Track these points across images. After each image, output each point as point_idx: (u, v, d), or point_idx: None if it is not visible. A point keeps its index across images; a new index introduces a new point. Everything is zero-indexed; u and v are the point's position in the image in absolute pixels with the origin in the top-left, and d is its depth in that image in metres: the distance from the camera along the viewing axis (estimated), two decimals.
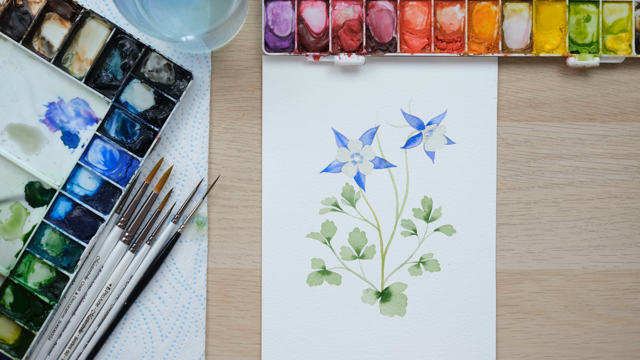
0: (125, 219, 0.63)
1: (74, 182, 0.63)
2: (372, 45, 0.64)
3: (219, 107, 0.65)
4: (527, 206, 0.65)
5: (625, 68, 0.65)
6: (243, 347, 0.65)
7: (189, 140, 0.64)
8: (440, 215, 0.65)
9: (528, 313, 0.65)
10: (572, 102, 0.65)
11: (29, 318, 0.63)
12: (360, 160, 0.65)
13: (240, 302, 0.65)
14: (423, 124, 0.65)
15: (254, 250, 0.65)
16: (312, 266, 0.64)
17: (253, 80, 0.65)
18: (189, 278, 0.64)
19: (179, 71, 0.63)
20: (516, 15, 0.64)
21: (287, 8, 0.64)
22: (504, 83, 0.65)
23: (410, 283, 0.65)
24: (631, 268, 0.65)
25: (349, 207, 0.65)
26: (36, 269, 0.63)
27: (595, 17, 0.64)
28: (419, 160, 0.65)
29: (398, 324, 0.65)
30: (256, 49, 0.65)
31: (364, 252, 0.65)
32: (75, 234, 0.63)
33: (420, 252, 0.65)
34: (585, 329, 0.65)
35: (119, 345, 0.64)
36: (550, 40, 0.64)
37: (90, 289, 0.63)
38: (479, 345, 0.65)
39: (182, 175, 0.64)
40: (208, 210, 0.64)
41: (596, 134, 0.65)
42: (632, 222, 0.65)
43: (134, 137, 0.63)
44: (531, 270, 0.65)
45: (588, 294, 0.65)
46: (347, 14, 0.64)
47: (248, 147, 0.65)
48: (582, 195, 0.65)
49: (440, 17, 0.64)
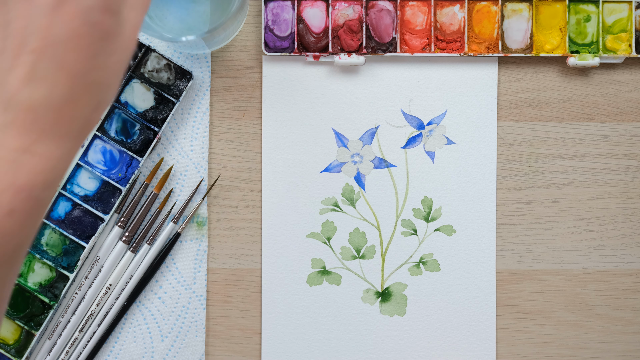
0: (125, 219, 0.63)
1: (74, 182, 0.63)
2: (372, 45, 0.64)
3: (219, 107, 0.65)
4: (527, 206, 0.65)
5: (625, 68, 0.65)
6: (243, 347, 0.65)
7: (189, 140, 0.64)
8: (440, 215, 0.65)
9: (528, 313, 0.65)
10: (572, 102, 0.65)
11: (29, 318, 0.63)
12: (360, 160, 0.65)
13: (240, 302, 0.65)
14: (423, 124, 0.65)
15: (254, 250, 0.65)
16: (312, 266, 0.64)
17: (253, 80, 0.65)
18: (189, 278, 0.64)
19: (179, 71, 0.63)
20: (516, 15, 0.64)
21: (287, 8, 0.64)
22: (504, 83, 0.65)
23: (410, 283, 0.65)
24: (631, 268, 0.65)
25: (349, 207, 0.65)
26: (36, 269, 0.63)
27: (595, 17, 0.64)
28: (419, 160, 0.65)
29: (398, 324, 0.65)
30: (256, 49, 0.65)
31: (364, 252, 0.65)
32: (75, 234, 0.63)
33: (420, 252, 0.65)
34: (585, 329, 0.65)
35: (119, 345, 0.64)
36: (550, 40, 0.64)
37: (90, 289, 0.63)
38: (479, 345, 0.65)
39: (182, 175, 0.64)
40: (208, 210, 0.64)
41: (596, 134, 0.65)
42: (632, 222, 0.65)
43: (134, 137, 0.63)
44: (531, 270, 0.65)
45: (588, 294, 0.65)
46: (347, 14, 0.64)
47: (248, 147, 0.65)
48: (582, 195, 0.65)
49: (440, 17, 0.64)
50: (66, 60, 0.39)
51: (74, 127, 0.40)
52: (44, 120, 0.39)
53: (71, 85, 0.40)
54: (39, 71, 0.39)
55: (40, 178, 0.40)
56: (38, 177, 0.40)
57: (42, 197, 0.40)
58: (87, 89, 0.40)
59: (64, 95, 0.40)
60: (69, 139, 0.40)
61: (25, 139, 0.39)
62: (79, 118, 0.40)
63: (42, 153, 0.40)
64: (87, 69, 0.40)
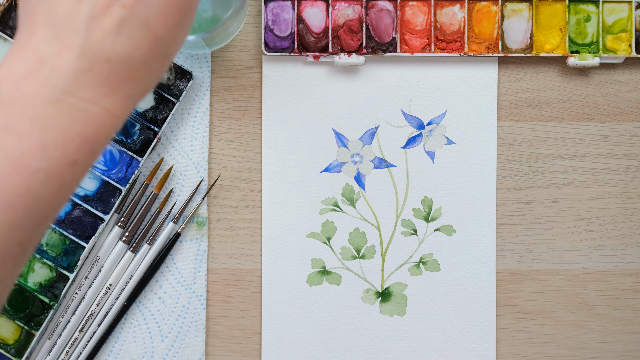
0: (125, 219, 0.63)
1: None
2: (372, 45, 0.64)
3: (219, 107, 0.65)
4: (527, 206, 0.65)
5: (625, 68, 0.65)
6: (243, 347, 0.65)
7: (189, 140, 0.64)
8: (440, 215, 0.65)
9: (528, 313, 0.65)
10: (572, 102, 0.65)
11: (29, 318, 0.63)
12: (360, 160, 0.65)
13: (240, 302, 0.65)
14: (423, 124, 0.65)
15: (254, 250, 0.65)
16: (312, 266, 0.64)
17: (253, 80, 0.65)
18: (189, 278, 0.64)
19: (179, 71, 0.63)
20: (516, 15, 0.64)
21: (287, 8, 0.64)
22: (504, 83, 0.65)
23: (410, 283, 0.65)
24: (631, 268, 0.65)
25: (349, 207, 0.65)
26: (36, 269, 0.63)
27: (595, 17, 0.64)
28: (419, 160, 0.65)
29: (398, 324, 0.65)
30: (256, 49, 0.65)
31: (364, 252, 0.65)
32: (75, 234, 0.63)
33: (420, 252, 0.65)
34: (585, 329, 0.65)
35: (119, 345, 0.64)
36: (550, 40, 0.64)
37: (90, 289, 0.63)
38: (479, 345, 0.65)
39: (182, 175, 0.64)
40: (208, 210, 0.64)
41: (596, 134, 0.65)
42: (632, 222, 0.65)
43: (134, 137, 0.63)
44: (531, 270, 0.65)
45: (588, 294, 0.65)
46: (347, 14, 0.64)
47: (248, 147, 0.65)
48: (582, 195, 0.65)
49: (440, 17, 0.64)
50: (154, 24, 0.39)
51: (139, 91, 0.40)
52: (118, 76, 0.39)
53: (151, 50, 0.40)
54: (126, 27, 0.39)
55: (103, 133, 0.39)
56: (101, 132, 0.39)
57: (99, 153, 0.40)
58: (160, 57, 0.40)
59: (142, 57, 0.39)
60: (131, 101, 0.40)
61: (97, 91, 0.39)
62: (144, 83, 0.40)
63: (109, 109, 0.39)
64: (167, 38, 0.40)
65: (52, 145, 0.38)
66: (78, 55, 0.39)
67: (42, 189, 0.38)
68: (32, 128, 0.38)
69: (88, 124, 0.39)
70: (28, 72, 0.38)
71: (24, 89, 0.38)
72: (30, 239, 0.39)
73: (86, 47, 0.39)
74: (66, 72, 0.38)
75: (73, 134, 0.38)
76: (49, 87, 0.38)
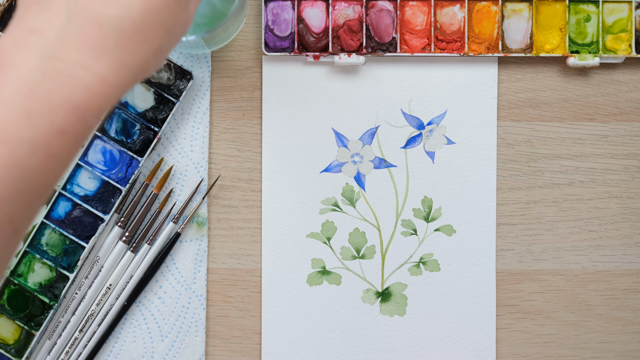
0: (125, 219, 0.63)
1: (74, 182, 0.63)
2: (372, 45, 0.64)
3: (219, 107, 0.65)
4: (527, 206, 0.65)
5: (625, 68, 0.65)
6: (243, 347, 0.65)
7: (189, 140, 0.64)
8: (440, 215, 0.65)
9: (528, 313, 0.65)
10: (572, 102, 0.65)
11: (29, 318, 0.63)
12: (360, 160, 0.65)
13: (240, 302, 0.65)
14: (423, 124, 0.65)
15: (254, 250, 0.65)
16: (312, 266, 0.64)
17: (253, 80, 0.65)
18: (189, 278, 0.64)
19: (179, 71, 0.63)
20: (516, 15, 0.64)
21: (287, 8, 0.64)
22: (504, 83, 0.65)
23: (410, 283, 0.65)
24: (631, 268, 0.65)
25: (349, 207, 0.65)
26: (36, 269, 0.63)
27: (595, 17, 0.64)
28: (419, 160, 0.65)
29: (398, 324, 0.65)
30: (256, 49, 0.65)
31: (364, 252, 0.65)
32: (75, 234, 0.63)
33: (420, 252, 0.65)
34: (585, 329, 0.65)
35: (119, 345, 0.64)
36: (550, 40, 0.64)
37: (90, 289, 0.63)
38: (479, 345, 0.65)
39: (182, 175, 0.64)
40: (208, 210, 0.64)
41: (596, 134, 0.65)
42: (632, 222, 0.65)
43: (134, 137, 0.63)
44: (531, 270, 0.65)
45: (588, 294, 0.65)
46: (347, 14, 0.64)
47: (248, 147, 0.65)
48: (582, 195, 0.65)
49: (440, 17, 0.64)
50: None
51: (134, 60, 0.39)
52: (109, 39, 0.38)
53: (144, 15, 0.38)
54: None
55: (95, 102, 0.37)
56: (92, 100, 0.37)
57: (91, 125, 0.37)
58: (155, 26, 0.39)
59: (134, 21, 0.38)
60: (126, 69, 0.38)
61: (86, 54, 0.37)
62: (140, 52, 0.39)
63: (100, 74, 0.37)
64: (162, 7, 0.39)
65: (37, 112, 0.36)
66: (66, 20, 0.37)
67: (29, 160, 0.36)
68: (16, 95, 0.36)
69: (76, 90, 0.37)
70: (15, 42, 0.37)
71: (10, 58, 0.37)
72: (22, 216, 0.37)
73: (75, 11, 0.37)
74: (54, 37, 0.37)
75: (59, 100, 0.36)
76: (36, 54, 0.37)
